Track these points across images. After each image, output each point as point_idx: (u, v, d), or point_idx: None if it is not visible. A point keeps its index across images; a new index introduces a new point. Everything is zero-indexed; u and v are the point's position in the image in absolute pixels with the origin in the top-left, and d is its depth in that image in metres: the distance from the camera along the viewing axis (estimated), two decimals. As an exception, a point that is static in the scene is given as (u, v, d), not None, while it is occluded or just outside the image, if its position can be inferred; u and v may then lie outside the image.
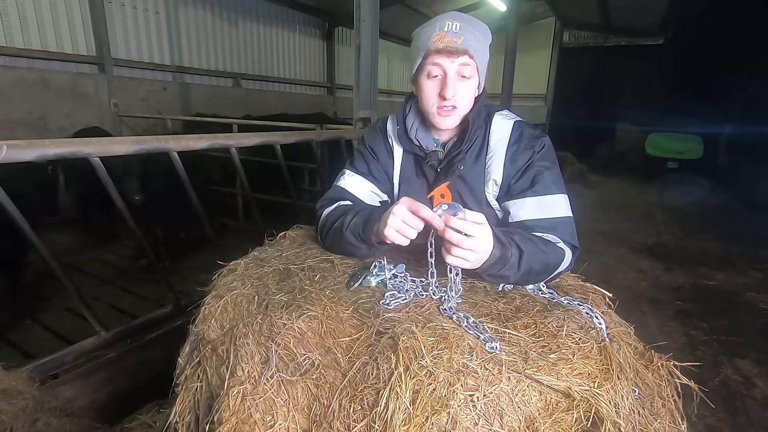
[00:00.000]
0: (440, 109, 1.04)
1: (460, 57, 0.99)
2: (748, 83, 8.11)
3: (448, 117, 1.05)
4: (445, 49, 0.98)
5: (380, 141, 1.22)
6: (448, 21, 1.00)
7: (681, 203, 6.14)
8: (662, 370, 0.90)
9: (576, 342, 0.76)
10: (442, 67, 1.00)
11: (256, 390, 0.74)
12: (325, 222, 1.12)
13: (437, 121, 1.06)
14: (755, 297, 3.23)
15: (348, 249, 1.06)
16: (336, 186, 1.22)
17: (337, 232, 1.05)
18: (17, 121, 4.17)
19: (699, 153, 8.43)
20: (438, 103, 1.04)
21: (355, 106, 2.78)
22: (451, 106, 1.03)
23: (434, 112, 1.05)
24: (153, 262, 1.89)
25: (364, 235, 0.99)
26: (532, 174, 1.05)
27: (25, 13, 4.22)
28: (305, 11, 7.80)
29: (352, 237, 1.01)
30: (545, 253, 0.94)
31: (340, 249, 1.10)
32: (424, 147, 1.12)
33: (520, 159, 1.06)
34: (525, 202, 1.04)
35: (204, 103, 6.00)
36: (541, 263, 0.93)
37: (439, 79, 1.02)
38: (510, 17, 7.15)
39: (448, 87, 1.00)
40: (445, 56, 0.99)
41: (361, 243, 1.02)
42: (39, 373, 1.41)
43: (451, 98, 1.01)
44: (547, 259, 0.94)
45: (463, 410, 0.64)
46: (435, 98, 1.03)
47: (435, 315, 0.83)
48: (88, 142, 1.45)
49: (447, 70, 1.00)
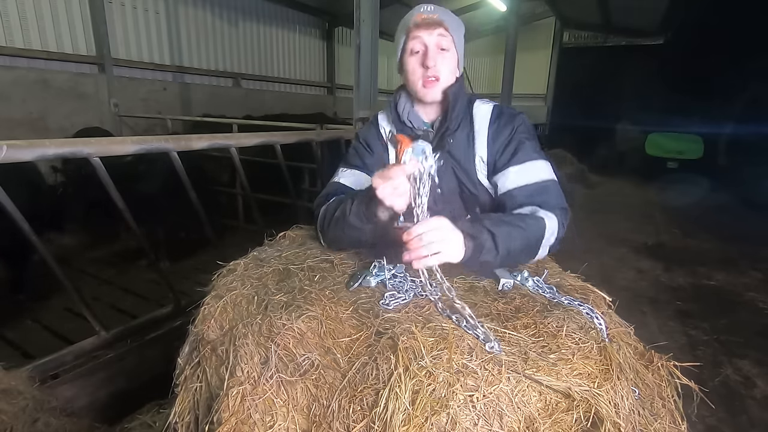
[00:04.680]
0: (425, 81, 1.12)
1: (436, 29, 1.10)
2: (748, 83, 8.11)
3: (432, 88, 1.13)
4: (422, 22, 1.10)
5: (374, 134, 1.27)
6: (423, 6, 1.12)
7: (681, 203, 6.13)
8: (662, 371, 0.89)
9: (576, 342, 0.76)
10: (422, 40, 1.10)
11: (256, 390, 0.74)
12: (324, 216, 1.13)
13: (423, 93, 1.14)
14: (755, 297, 3.23)
15: (352, 235, 1.07)
16: (331, 182, 1.25)
17: (339, 221, 1.06)
18: (17, 121, 4.16)
19: (699, 153, 8.43)
20: (422, 75, 1.12)
21: (355, 106, 2.78)
22: (433, 76, 1.11)
23: (419, 85, 1.13)
24: (153, 262, 1.89)
25: (368, 212, 1.00)
26: (514, 146, 1.13)
27: (25, 13, 4.22)
28: (305, 11, 7.80)
29: (356, 220, 1.02)
30: (522, 228, 0.98)
31: (343, 238, 1.11)
32: (416, 127, 1.19)
33: (502, 135, 1.15)
34: (509, 172, 1.11)
35: (204, 103, 6.00)
36: (521, 239, 0.97)
37: (421, 54, 1.12)
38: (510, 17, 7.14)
39: (428, 57, 1.10)
40: (424, 29, 1.10)
41: (365, 224, 1.02)
42: (39, 373, 1.41)
43: (433, 67, 1.10)
44: (525, 234, 0.98)
45: (463, 411, 0.64)
46: (419, 71, 1.12)
47: (435, 315, 0.83)
48: (88, 142, 1.46)
49: (427, 43, 1.10)
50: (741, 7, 7.52)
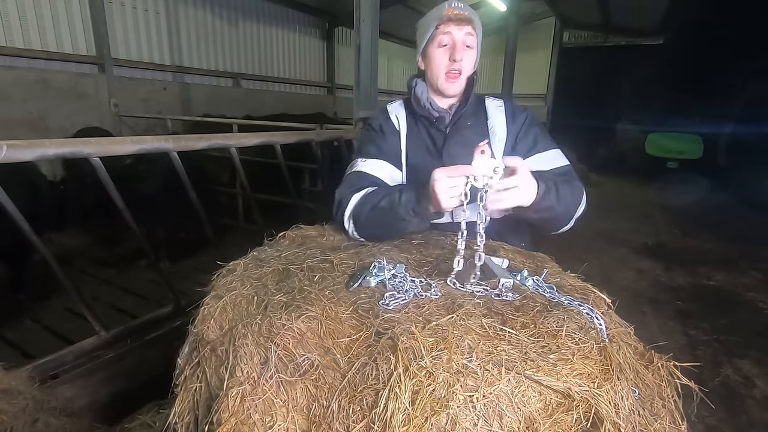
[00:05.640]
0: (448, 74, 1.19)
1: (466, 26, 1.16)
2: (748, 83, 8.10)
3: (455, 82, 1.20)
4: (455, 17, 1.15)
5: (385, 119, 1.32)
6: (454, 1, 1.17)
7: (681, 203, 6.14)
8: (662, 371, 0.89)
9: (576, 342, 0.76)
10: (452, 35, 1.16)
11: (255, 391, 0.74)
12: (363, 205, 1.14)
13: (445, 87, 1.21)
14: (755, 297, 3.23)
15: (397, 226, 1.11)
16: (354, 172, 1.25)
17: (385, 211, 1.10)
18: (17, 121, 4.16)
19: (699, 153, 8.43)
20: (447, 67, 1.18)
21: (355, 106, 2.78)
22: (457, 70, 1.18)
23: (443, 78, 1.20)
24: (153, 262, 1.89)
25: (419, 208, 1.04)
26: (533, 134, 1.25)
27: (25, 13, 4.22)
28: (305, 11, 7.80)
29: (404, 212, 1.07)
30: (570, 186, 1.10)
31: (384, 228, 1.15)
32: (435, 109, 1.24)
33: (518, 118, 1.27)
34: (536, 159, 1.21)
35: (204, 103, 6.00)
36: (570, 197, 1.08)
37: (449, 47, 1.18)
38: (510, 17, 7.14)
39: (457, 51, 1.16)
40: (455, 24, 1.15)
41: (413, 217, 1.07)
42: (39, 373, 1.41)
43: (459, 61, 1.17)
44: (572, 193, 1.10)
45: (463, 411, 0.63)
46: (445, 63, 1.18)
47: (434, 315, 0.83)
48: (88, 142, 1.45)
49: (456, 38, 1.17)
50: (741, 6, 7.51)
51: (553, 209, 1.03)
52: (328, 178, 3.02)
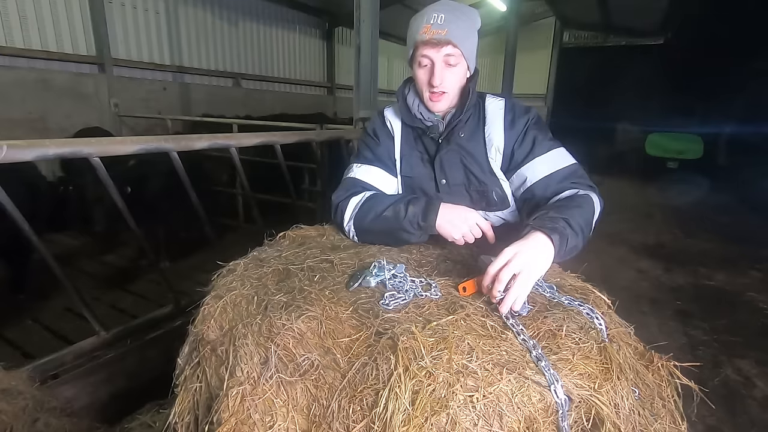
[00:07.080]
0: (431, 94, 1.15)
1: (444, 47, 1.09)
2: (748, 83, 8.11)
3: (439, 102, 1.16)
4: (429, 41, 1.08)
5: (380, 124, 1.31)
6: (434, 14, 1.09)
7: (681, 203, 6.13)
8: (662, 371, 0.89)
9: (576, 342, 0.76)
10: (429, 57, 1.11)
11: (256, 391, 0.74)
12: (366, 212, 1.15)
13: (429, 105, 1.18)
14: (755, 297, 3.22)
15: (400, 236, 1.12)
16: (348, 178, 1.26)
17: (389, 221, 1.11)
18: (17, 121, 4.17)
19: (699, 153, 8.42)
20: (428, 89, 1.15)
21: (355, 106, 2.78)
22: (440, 91, 1.14)
23: (427, 97, 1.17)
24: (153, 262, 1.89)
25: (424, 223, 1.07)
26: (531, 138, 1.16)
27: (25, 13, 4.22)
28: (305, 11, 7.80)
29: (409, 225, 1.09)
30: (580, 207, 1.01)
31: (386, 236, 1.15)
32: (426, 119, 1.21)
33: (518, 124, 1.18)
34: (535, 163, 1.15)
35: (204, 103, 6.00)
36: (584, 217, 0.99)
37: (428, 68, 1.13)
38: (510, 17, 7.15)
39: (435, 76, 1.11)
40: (430, 47, 1.10)
41: (417, 230, 1.09)
42: (39, 373, 1.41)
43: (439, 85, 1.12)
44: (584, 212, 1.01)
45: (463, 411, 0.63)
46: (426, 85, 1.15)
47: (435, 315, 0.83)
48: (88, 142, 1.45)
49: (434, 60, 1.11)
50: (741, 6, 7.52)
51: (577, 247, 0.96)
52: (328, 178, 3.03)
